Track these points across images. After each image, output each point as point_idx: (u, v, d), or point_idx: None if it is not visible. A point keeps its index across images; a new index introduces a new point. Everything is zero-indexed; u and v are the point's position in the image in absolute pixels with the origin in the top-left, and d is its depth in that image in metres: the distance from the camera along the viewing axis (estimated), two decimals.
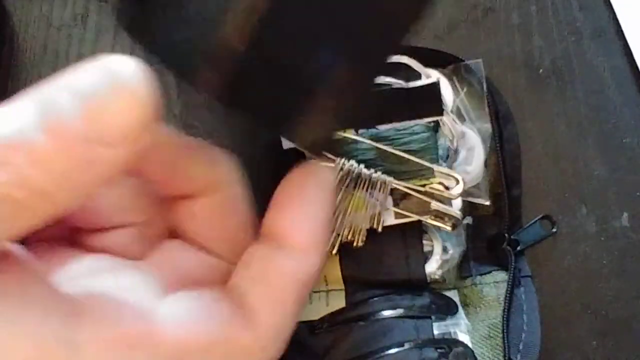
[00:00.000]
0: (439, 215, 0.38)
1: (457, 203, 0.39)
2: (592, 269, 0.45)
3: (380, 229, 0.38)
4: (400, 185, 0.37)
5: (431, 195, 0.37)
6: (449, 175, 0.38)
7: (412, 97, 0.30)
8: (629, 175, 0.47)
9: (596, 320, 0.45)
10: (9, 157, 0.15)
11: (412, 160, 0.38)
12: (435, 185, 0.38)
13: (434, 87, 0.30)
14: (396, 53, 0.31)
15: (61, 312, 0.17)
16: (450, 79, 0.46)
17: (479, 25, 0.49)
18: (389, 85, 0.28)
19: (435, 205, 0.37)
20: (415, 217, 0.38)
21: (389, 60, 0.19)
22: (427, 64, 0.42)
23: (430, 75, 0.43)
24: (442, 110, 0.32)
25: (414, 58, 0.41)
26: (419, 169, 0.39)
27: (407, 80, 0.39)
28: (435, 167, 0.38)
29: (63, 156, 0.16)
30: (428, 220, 0.39)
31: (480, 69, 0.45)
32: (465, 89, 0.45)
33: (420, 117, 0.33)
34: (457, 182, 0.38)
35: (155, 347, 0.18)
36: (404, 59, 0.41)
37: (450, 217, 0.38)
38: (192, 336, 0.19)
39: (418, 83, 0.30)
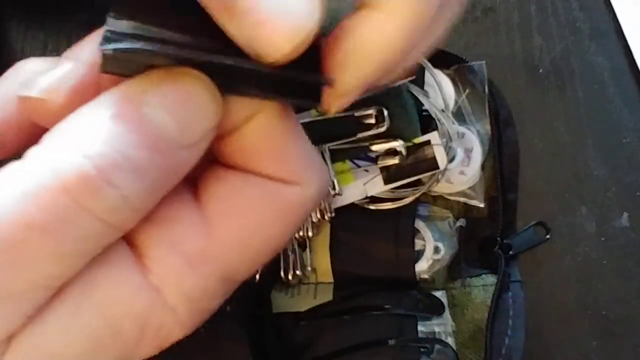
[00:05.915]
0: (389, 152, 0.40)
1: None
2: (592, 269, 0.45)
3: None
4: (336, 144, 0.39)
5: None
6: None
7: None
8: (629, 175, 0.46)
9: (596, 320, 0.44)
10: (114, 179, 0.15)
11: None
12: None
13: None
14: None
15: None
16: (453, 80, 0.46)
17: (479, 25, 0.49)
18: None
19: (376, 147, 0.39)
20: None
21: None
22: (431, 63, 0.43)
23: (436, 74, 0.43)
24: None
25: None
26: None
27: None
28: None
29: (156, 167, 0.16)
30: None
31: (483, 71, 0.45)
32: (467, 91, 0.45)
33: None
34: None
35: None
36: None
37: (397, 151, 0.39)
38: None
39: None
